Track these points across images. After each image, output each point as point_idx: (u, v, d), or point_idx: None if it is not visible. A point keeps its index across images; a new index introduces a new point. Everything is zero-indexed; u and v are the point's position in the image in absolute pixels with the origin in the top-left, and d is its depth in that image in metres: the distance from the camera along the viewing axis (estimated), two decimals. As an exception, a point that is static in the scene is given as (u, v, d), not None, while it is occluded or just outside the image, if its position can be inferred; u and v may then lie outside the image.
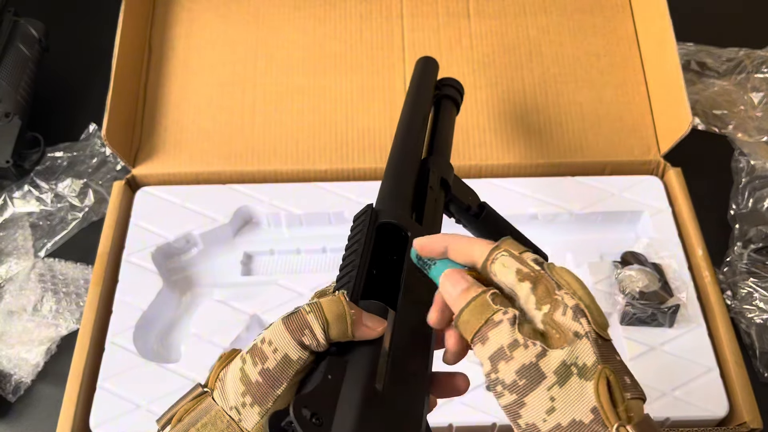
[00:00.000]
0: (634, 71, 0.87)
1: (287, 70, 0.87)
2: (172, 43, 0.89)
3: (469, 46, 0.88)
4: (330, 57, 0.88)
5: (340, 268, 0.44)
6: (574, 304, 0.35)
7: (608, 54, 0.88)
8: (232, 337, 0.70)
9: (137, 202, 0.80)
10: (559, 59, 0.88)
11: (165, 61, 0.88)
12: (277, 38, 0.89)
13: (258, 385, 0.37)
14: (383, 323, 0.40)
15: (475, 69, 0.86)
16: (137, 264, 0.75)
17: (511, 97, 0.85)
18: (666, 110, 0.82)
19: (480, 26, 0.89)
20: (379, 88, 0.86)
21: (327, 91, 0.86)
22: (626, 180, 0.81)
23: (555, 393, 0.33)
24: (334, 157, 0.83)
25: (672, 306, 0.67)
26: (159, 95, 0.86)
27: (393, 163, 0.56)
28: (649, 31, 0.86)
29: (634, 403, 0.33)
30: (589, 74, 0.87)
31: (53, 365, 0.76)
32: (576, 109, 0.85)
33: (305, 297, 0.73)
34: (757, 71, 0.93)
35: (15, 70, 0.88)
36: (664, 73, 0.82)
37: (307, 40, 0.89)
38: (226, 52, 0.88)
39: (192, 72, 0.87)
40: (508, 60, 0.87)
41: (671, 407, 0.64)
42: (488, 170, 0.83)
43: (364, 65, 0.87)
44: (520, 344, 0.34)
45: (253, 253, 0.81)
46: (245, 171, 0.82)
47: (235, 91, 0.86)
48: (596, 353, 0.33)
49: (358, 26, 0.89)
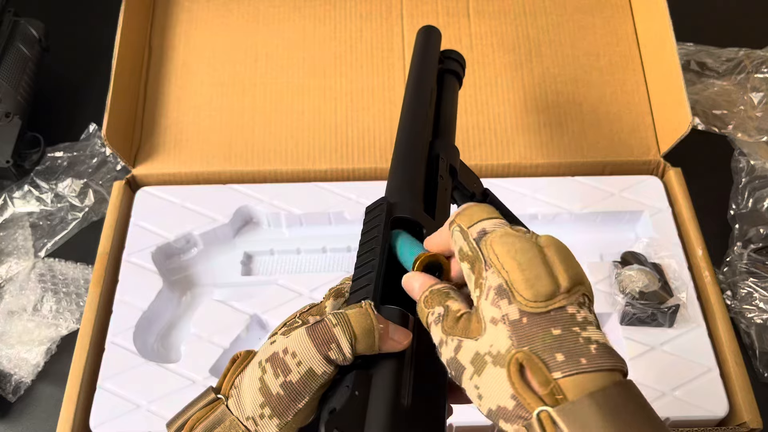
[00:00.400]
0: (634, 71, 0.87)
1: (287, 70, 0.87)
2: (172, 42, 0.89)
3: (469, 45, 0.88)
4: (330, 57, 0.88)
5: (356, 266, 0.43)
6: (497, 285, 0.33)
7: (608, 54, 0.88)
8: (232, 337, 0.70)
9: (137, 202, 0.80)
10: (559, 59, 0.88)
11: (165, 61, 0.88)
12: (277, 38, 0.89)
13: (279, 397, 0.36)
14: (409, 336, 0.38)
15: (474, 69, 0.86)
16: (137, 264, 0.75)
17: (510, 97, 0.85)
18: (666, 110, 0.82)
19: (480, 26, 0.89)
20: (379, 88, 0.86)
21: (327, 91, 0.86)
22: (626, 180, 0.81)
23: (477, 382, 0.33)
24: (334, 157, 0.83)
25: (672, 306, 0.67)
26: (159, 95, 0.86)
27: (402, 149, 0.53)
28: (649, 31, 0.86)
29: (570, 380, 0.30)
30: (589, 74, 0.87)
31: (53, 365, 0.76)
32: (576, 109, 0.85)
33: (305, 297, 0.73)
34: (757, 71, 0.93)
35: (15, 70, 0.88)
36: (664, 74, 0.82)
37: (307, 40, 0.89)
38: (226, 52, 0.88)
39: (192, 72, 0.88)
40: (508, 60, 0.87)
41: (671, 407, 0.64)
42: (488, 170, 0.83)
43: (364, 65, 0.87)
44: (444, 342, 0.35)
45: (253, 253, 0.81)
46: (245, 171, 0.82)
47: (235, 91, 0.86)
48: (511, 338, 0.31)
49: (358, 26, 0.90)
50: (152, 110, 0.85)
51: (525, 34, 0.89)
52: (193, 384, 0.67)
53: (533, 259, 0.33)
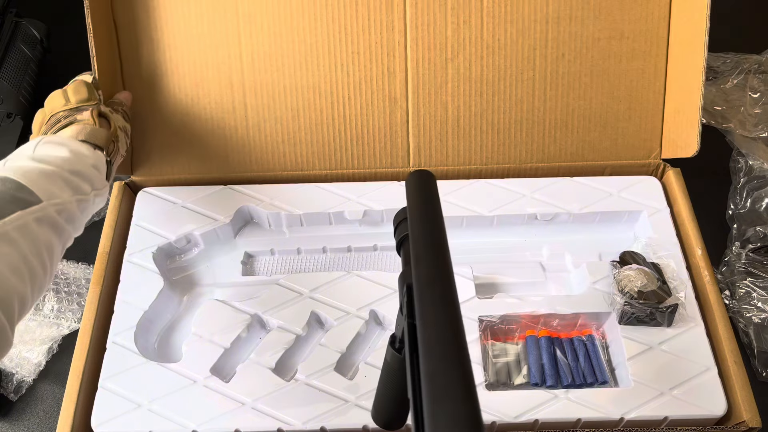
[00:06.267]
0: (656, 60, 0.80)
1: (280, 70, 0.81)
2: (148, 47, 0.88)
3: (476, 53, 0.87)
4: (327, 57, 0.84)
5: None
6: None
7: (632, 34, 0.79)
8: (233, 337, 0.70)
9: (138, 202, 0.80)
10: (577, 42, 0.80)
11: (152, 68, 0.82)
12: (269, 38, 0.81)
13: None
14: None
15: (475, 71, 0.86)
16: (138, 264, 0.75)
17: (517, 93, 0.83)
18: (677, 123, 0.80)
19: (487, 33, 0.81)
20: (380, 87, 0.85)
21: (325, 93, 0.82)
22: (625, 180, 0.81)
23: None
24: (333, 162, 0.82)
25: (670, 305, 0.68)
26: (147, 103, 0.81)
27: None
28: (683, 34, 0.79)
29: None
30: (606, 61, 0.80)
31: (55, 364, 0.76)
32: (584, 106, 0.81)
33: (306, 297, 0.73)
34: (756, 71, 0.93)
35: (17, 71, 0.88)
36: (685, 91, 0.78)
37: (307, 30, 0.83)
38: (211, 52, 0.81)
39: (179, 75, 0.81)
40: (519, 45, 0.80)
41: (670, 406, 0.64)
42: (488, 172, 0.83)
43: (364, 63, 0.85)
44: None
45: (253, 253, 0.81)
46: (243, 177, 0.82)
47: (225, 97, 0.81)
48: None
49: (360, 22, 0.87)
50: (143, 121, 0.82)
51: (532, 46, 0.79)
52: (194, 383, 0.67)
53: None
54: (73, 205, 0.58)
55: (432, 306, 0.39)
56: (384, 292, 0.73)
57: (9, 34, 0.90)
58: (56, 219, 0.56)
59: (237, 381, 0.67)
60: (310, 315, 0.72)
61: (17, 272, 0.50)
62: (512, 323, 0.72)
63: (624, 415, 0.64)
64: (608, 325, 0.71)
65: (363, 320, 0.71)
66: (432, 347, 0.37)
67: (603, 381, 0.68)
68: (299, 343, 0.71)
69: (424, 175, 0.51)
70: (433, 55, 0.79)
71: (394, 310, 0.72)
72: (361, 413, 0.65)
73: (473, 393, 0.34)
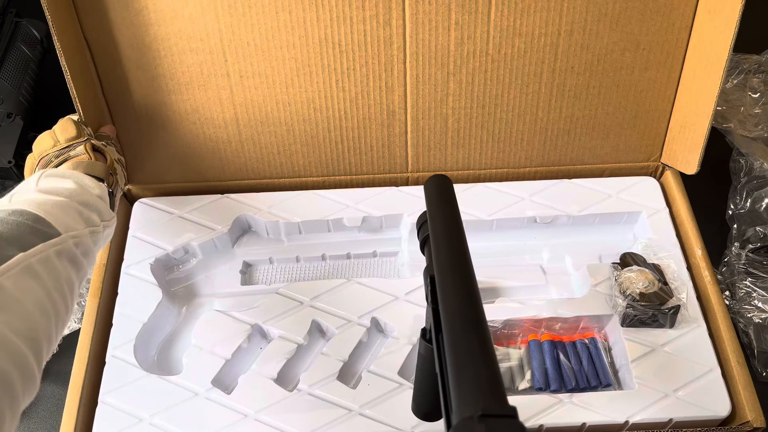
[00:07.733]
0: (670, 70, 0.77)
1: (271, 87, 0.77)
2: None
3: (482, 54, 0.83)
4: (321, 73, 0.78)
5: None
6: None
7: (648, 44, 0.76)
8: (234, 347, 0.70)
9: (134, 214, 0.79)
10: (587, 54, 0.76)
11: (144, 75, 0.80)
12: (256, 55, 0.76)
13: None
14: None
15: (478, 85, 0.84)
16: (136, 276, 0.74)
17: (516, 110, 0.80)
18: (681, 140, 0.79)
19: (493, 47, 0.77)
20: (377, 101, 0.83)
21: (321, 107, 0.79)
22: (623, 181, 0.81)
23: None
24: (330, 168, 0.82)
25: (672, 307, 0.68)
26: (140, 115, 0.79)
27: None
28: (696, 66, 0.76)
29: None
30: (618, 73, 0.77)
31: (55, 364, 0.75)
32: (589, 115, 0.80)
33: (306, 305, 0.73)
34: (756, 72, 0.93)
35: (17, 71, 0.88)
36: (694, 108, 0.76)
37: (298, 47, 0.82)
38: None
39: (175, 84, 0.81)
40: (527, 53, 0.76)
41: (674, 408, 0.64)
42: (486, 176, 0.83)
43: (361, 79, 0.82)
44: None
45: (252, 262, 0.80)
46: (240, 185, 0.82)
47: (215, 114, 0.78)
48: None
49: (356, 38, 0.85)
50: (137, 132, 0.80)
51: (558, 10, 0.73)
52: (196, 396, 0.66)
53: None
54: (87, 238, 0.56)
55: (453, 288, 0.44)
56: (385, 299, 0.73)
57: (9, 34, 0.89)
58: (75, 252, 0.53)
59: (239, 392, 0.67)
60: (311, 324, 0.72)
61: (43, 310, 0.47)
62: (514, 328, 0.71)
63: (629, 418, 0.64)
64: (610, 327, 0.71)
65: (364, 328, 0.71)
66: (453, 322, 0.40)
67: (607, 384, 0.68)
68: (301, 352, 0.71)
69: (441, 179, 0.56)
70: (434, 70, 0.76)
71: (395, 317, 0.71)
72: (365, 422, 0.64)
73: (492, 357, 0.37)
